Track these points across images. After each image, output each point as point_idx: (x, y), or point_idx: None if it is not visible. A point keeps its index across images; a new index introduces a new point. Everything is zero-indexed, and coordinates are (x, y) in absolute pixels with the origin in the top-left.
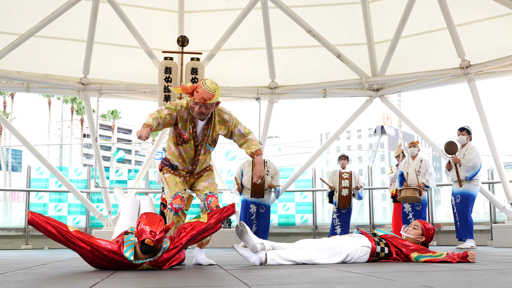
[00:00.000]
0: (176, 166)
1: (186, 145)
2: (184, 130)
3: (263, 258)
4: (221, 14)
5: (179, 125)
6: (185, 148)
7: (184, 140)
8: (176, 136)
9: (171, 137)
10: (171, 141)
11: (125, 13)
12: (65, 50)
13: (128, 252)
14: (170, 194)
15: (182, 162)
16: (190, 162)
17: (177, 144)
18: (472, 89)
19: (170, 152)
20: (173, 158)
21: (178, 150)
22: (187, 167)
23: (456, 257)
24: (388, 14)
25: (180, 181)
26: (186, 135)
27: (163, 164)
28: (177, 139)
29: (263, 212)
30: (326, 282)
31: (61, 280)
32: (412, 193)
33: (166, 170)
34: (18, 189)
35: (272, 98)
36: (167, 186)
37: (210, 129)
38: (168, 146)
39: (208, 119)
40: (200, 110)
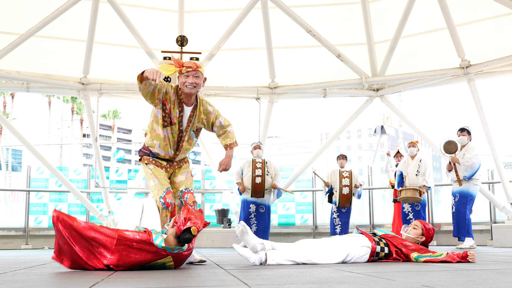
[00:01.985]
0: (157, 154)
1: (173, 127)
2: (172, 112)
3: (263, 258)
4: (221, 14)
5: (168, 106)
6: (171, 130)
7: (171, 122)
8: (164, 117)
9: (158, 119)
10: (157, 123)
11: (125, 13)
12: (65, 50)
13: (158, 240)
14: (162, 188)
15: (166, 146)
16: (174, 147)
17: (164, 125)
18: (472, 89)
19: (155, 134)
20: (156, 142)
21: (164, 132)
22: (169, 152)
23: (456, 257)
24: (388, 14)
25: (165, 174)
26: (173, 118)
27: (143, 153)
28: (164, 120)
29: (263, 212)
30: (326, 282)
31: (61, 280)
32: (413, 194)
33: (147, 160)
34: (18, 189)
35: (272, 98)
36: (155, 178)
37: (195, 116)
38: (152, 129)
39: (194, 106)
40: (193, 81)
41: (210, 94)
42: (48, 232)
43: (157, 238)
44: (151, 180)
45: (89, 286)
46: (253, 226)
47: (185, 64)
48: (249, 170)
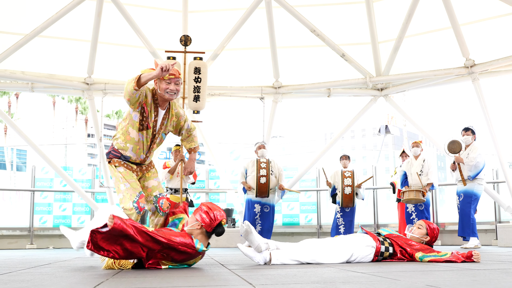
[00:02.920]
0: (129, 158)
1: (148, 131)
2: (150, 117)
3: (267, 257)
4: (225, 13)
5: (147, 110)
6: (146, 134)
7: (147, 126)
8: (141, 120)
9: (134, 122)
10: (132, 126)
11: (129, 13)
12: (70, 50)
13: (198, 244)
14: (134, 192)
15: (139, 150)
16: (145, 151)
17: (139, 129)
18: (477, 88)
19: (129, 138)
20: (129, 146)
21: (139, 136)
22: (140, 157)
23: (461, 256)
24: (392, 13)
25: (136, 178)
26: (150, 122)
27: (112, 155)
28: (141, 124)
29: (267, 211)
30: (331, 282)
31: (65, 280)
32: (416, 195)
33: (118, 163)
34: (23, 189)
35: (276, 98)
36: (127, 182)
37: (167, 119)
38: (127, 132)
39: (167, 109)
40: (175, 88)
41: (214, 94)
42: (52, 232)
43: (197, 242)
44: (122, 184)
45: (93, 285)
46: (257, 226)
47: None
48: (254, 170)
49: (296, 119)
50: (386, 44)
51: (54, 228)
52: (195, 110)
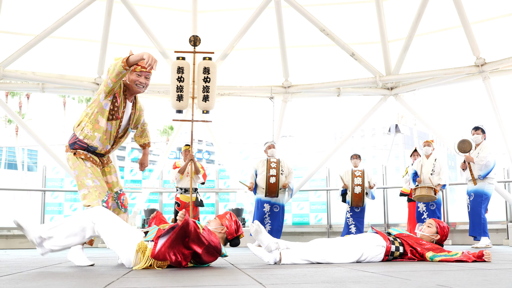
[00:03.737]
0: (95, 148)
1: (116, 122)
2: (120, 107)
3: (277, 257)
4: (235, 13)
5: (118, 100)
6: (115, 124)
7: (116, 116)
8: (111, 110)
9: (104, 111)
10: (102, 115)
11: (139, 13)
12: (80, 51)
13: (223, 249)
14: (104, 191)
15: (105, 140)
16: (111, 142)
17: (109, 119)
18: (488, 87)
19: (98, 126)
20: (97, 135)
21: (107, 125)
22: (106, 147)
23: (472, 256)
24: (402, 12)
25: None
26: (120, 112)
27: (78, 145)
28: (111, 113)
29: (277, 211)
30: (341, 282)
31: (76, 279)
32: (427, 192)
33: (84, 155)
34: (33, 189)
35: (286, 97)
36: (96, 179)
37: (134, 114)
38: (96, 120)
39: (133, 103)
40: (145, 81)
41: (224, 93)
42: None
43: (223, 247)
44: (89, 179)
45: (104, 285)
46: (267, 225)
47: (139, 63)
48: (264, 170)
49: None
50: (396, 43)
51: None
52: (205, 110)
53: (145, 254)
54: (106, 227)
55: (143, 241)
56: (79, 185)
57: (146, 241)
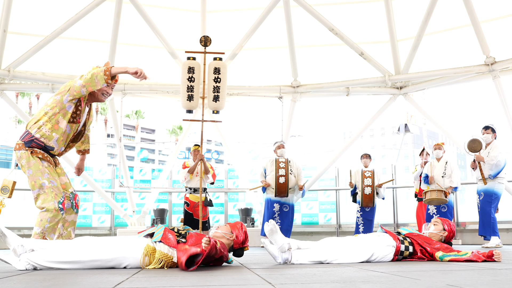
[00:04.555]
0: (52, 148)
1: (76, 126)
2: (82, 111)
3: (289, 257)
4: (243, 13)
5: (83, 104)
6: (73, 128)
7: (77, 120)
8: (74, 113)
9: (67, 113)
10: (64, 116)
11: (148, 14)
12: (89, 51)
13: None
14: (60, 192)
15: (61, 142)
16: (65, 144)
17: (69, 121)
18: (498, 86)
19: (57, 127)
20: (55, 135)
21: (66, 127)
22: (60, 149)
23: (482, 256)
24: (411, 11)
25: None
26: (82, 117)
27: (36, 144)
28: (73, 116)
29: (287, 211)
30: (350, 281)
31: (86, 279)
32: (438, 195)
33: (41, 155)
34: None
35: (295, 97)
36: (53, 180)
37: (88, 119)
38: (56, 121)
39: (89, 108)
40: (111, 92)
41: (232, 93)
42: None
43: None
44: (46, 179)
45: (114, 284)
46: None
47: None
48: (273, 170)
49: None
50: (405, 42)
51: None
52: (215, 110)
53: (154, 257)
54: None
55: (149, 244)
56: (32, 185)
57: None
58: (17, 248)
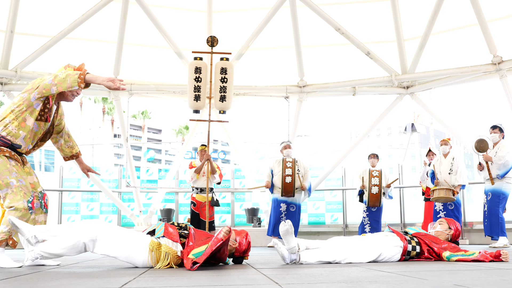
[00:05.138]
0: (19, 146)
1: (45, 124)
2: (51, 110)
3: (296, 258)
4: (250, 13)
5: (51, 103)
6: (43, 126)
7: (46, 118)
8: (42, 111)
9: (35, 111)
10: (31, 114)
11: (154, 14)
12: (96, 51)
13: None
14: (29, 191)
15: (28, 140)
16: (33, 143)
17: (37, 119)
18: (505, 85)
19: (24, 125)
20: (22, 133)
21: (34, 125)
22: (27, 147)
23: (489, 256)
24: (417, 10)
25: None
26: (50, 115)
27: (2, 142)
28: (41, 114)
29: (293, 211)
30: (357, 281)
31: (94, 278)
32: (446, 194)
33: (8, 153)
34: (51, 189)
35: (301, 97)
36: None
37: (56, 117)
38: (23, 119)
39: (57, 106)
40: (79, 92)
41: (239, 93)
42: None
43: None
44: (14, 178)
45: (122, 284)
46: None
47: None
48: (280, 170)
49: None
50: (412, 41)
51: None
52: (221, 110)
53: (160, 251)
54: (111, 240)
55: (153, 240)
56: (5, 184)
57: (157, 237)
58: (31, 239)
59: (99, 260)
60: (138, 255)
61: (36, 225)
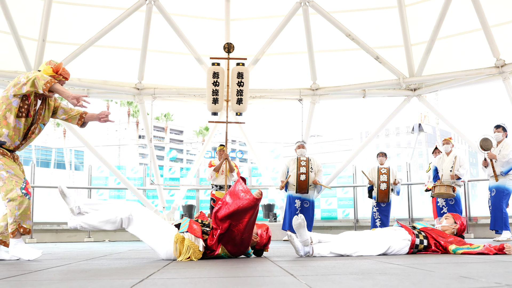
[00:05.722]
0: (3, 143)
1: (27, 119)
2: (31, 105)
3: (310, 251)
4: (265, 21)
5: (30, 99)
6: (25, 122)
7: (27, 114)
8: (21, 108)
9: (13, 108)
10: (10, 111)
11: (175, 22)
12: (121, 58)
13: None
14: (20, 179)
15: (14, 136)
16: (21, 138)
17: (18, 116)
18: (508, 87)
19: (6, 123)
20: (5, 131)
21: (16, 122)
22: (14, 143)
23: (493, 249)
24: (424, 16)
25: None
26: (31, 110)
27: None
28: (20, 111)
29: (307, 207)
30: (368, 273)
31: (121, 270)
32: (446, 190)
33: None
34: (80, 187)
35: (314, 99)
36: (9, 169)
37: (45, 109)
38: (3, 117)
39: (43, 99)
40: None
41: (255, 96)
42: None
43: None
44: (3, 170)
45: (146, 275)
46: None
47: (61, 72)
48: (294, 168)
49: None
50: (419, 46)
51: None
52: (238, 112)
53: (183, 244)
54: (143, 223)
55: (178, 233)
56: None
57: (181, 232)
58: (74, 208)
59: (126, 253)
60: (163, 244)
61: (81, 197)
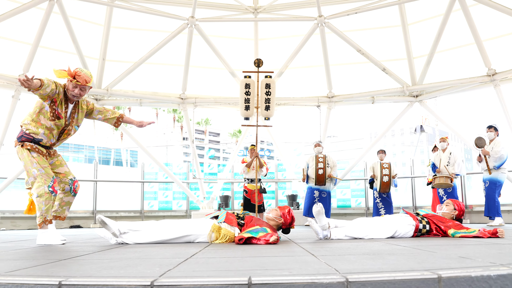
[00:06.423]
0: (40, 140)
1: (59, 121)
2: (60, 109)
3: (328, 234)
4: (288, 39)
5: (57, 103)
6: (58, 123)
7: (58, 117)
8: (52, 111)
9: (46, 112)
10: (44, 115)
11: (213, 42)
12: (168, 73)
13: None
14: (49, 177)
15: (49, 135)
16: (55, 137)
17: (50, 119)
18: (498, 93)
19: (40, 124)
20: (41, 130)
21: (48, 123)
22: (50, 141)
23: (487, 233)
24: (424, 33)
25: (48, 163)
26: (61, 113)
27: (25, 138)
28: (52, 114)
29: (325, 197)
30: (378, 253)
31: (169, 251)
32: (445, 180)
33: (30, 146)
34: (135, 181)
35: (330, 105)
36: (40, 168)
37: (77, 112)
38: (37, 119)
39: (75, 104)
40: (79, 93)
41: (280, 103)
42: (157, 213)
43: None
44: (35, 168)
45: (191, 255)
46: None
47: (76, 77)
48: (313, 164)
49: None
50: (420, 58)
51: (159, 210)
52: (266, 117)
53: (220, 232)
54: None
55: (215, 223)
56: (27, 174)
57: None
58: (116, 231)
59: None
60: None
61: (119, 221)
